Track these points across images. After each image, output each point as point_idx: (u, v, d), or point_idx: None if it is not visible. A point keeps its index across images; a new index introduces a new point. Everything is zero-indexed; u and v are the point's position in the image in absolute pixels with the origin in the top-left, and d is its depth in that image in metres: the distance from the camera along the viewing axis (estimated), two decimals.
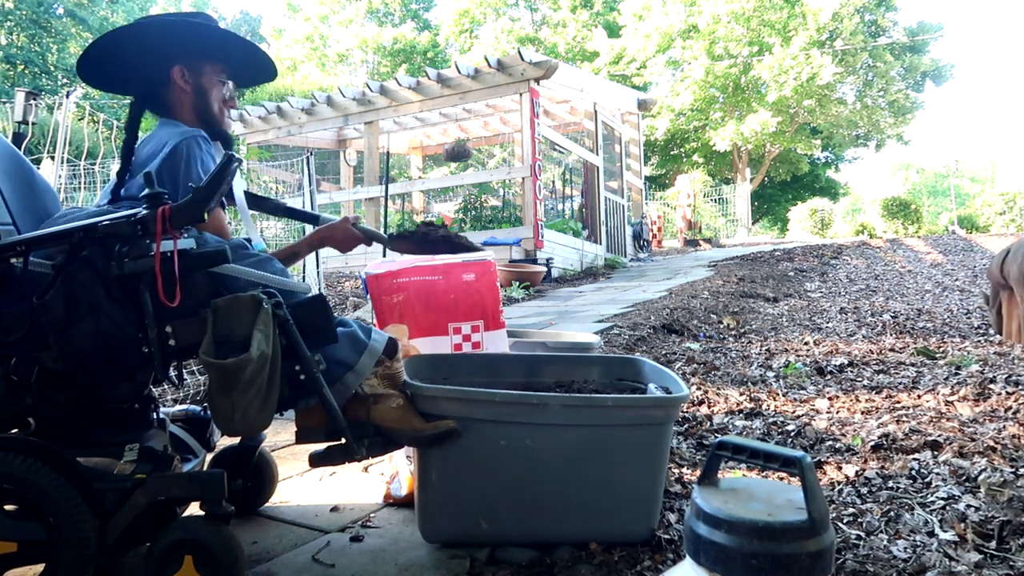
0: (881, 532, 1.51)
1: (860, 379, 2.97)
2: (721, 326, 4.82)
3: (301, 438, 1.48)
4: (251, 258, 1.47)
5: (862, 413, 2.43)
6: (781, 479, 1.76)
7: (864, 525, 1.54)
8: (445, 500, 1.50)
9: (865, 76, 21.78)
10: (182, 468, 1.44)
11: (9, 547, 1.25)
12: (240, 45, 1.74)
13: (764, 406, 2.59)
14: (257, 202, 2.00)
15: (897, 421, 2.23)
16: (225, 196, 1.71)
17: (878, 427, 2.18)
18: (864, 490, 1.76)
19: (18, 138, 5.03)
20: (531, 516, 1.49)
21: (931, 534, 1.48)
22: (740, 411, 2.53)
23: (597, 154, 10.63)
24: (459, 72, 8.88)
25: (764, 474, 1.80)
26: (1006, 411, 2.33)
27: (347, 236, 1.89)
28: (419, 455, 1.51)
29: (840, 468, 1.92)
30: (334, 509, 1.80)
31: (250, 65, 1.81)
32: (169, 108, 1.70)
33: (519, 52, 8.63)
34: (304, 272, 5.26)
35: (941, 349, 3.56)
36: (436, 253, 2.09)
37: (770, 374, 3.15)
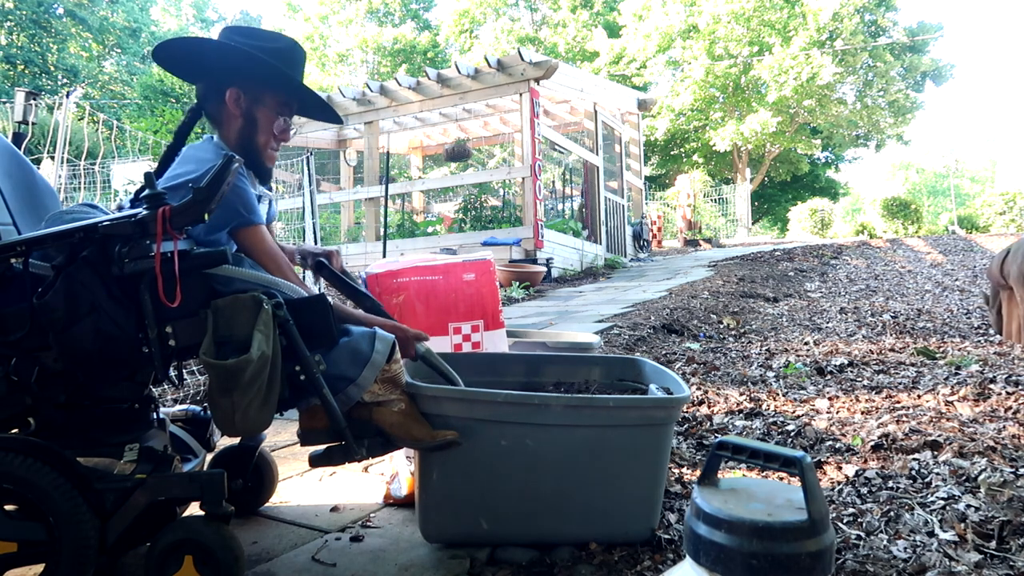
0: (881, 532, 1.51)
1: (860, 379, 2.97)
2: (721, 326, 4.82)
3: (305, 440, 1.48)
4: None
5: (862, 413, 2.42)
6: (781, 479, 1.76)
7: (864, 525, 1.54)
8: (446, 500, 1.50)
9: (865, 76, 21.78)
10: (182, 468, 1.45)
11: (9, 547, 1.25)
12: (304, 94, 1.70)
13: (764, 406, 2.59)
14: (355, 294, 1.83)
15: (897, 421, 2.23)
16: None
17: (878, 427, 2.18)
18: (864, 490, 1.76)
19: (18, 138, 5.04)
20: (531, 516, 1.49)
21: (931, 534, 1.48)
22: (740, 411, 2.53)
23: (597, 154, 10.63)
24: (459, 72, 8.88)
25: (764, 474, 1.80)
26: (1006, 411, 2.33)
27: (408, 349, 1.66)
28: (420, 455, 1.51)
29: (840, 468, 1.92)
30: (334, 509, 1.80)
31: (311, 107, 1.76)
32: (220, 123, 1.66)
33: (519, 52, 8.63)
34: (305, 272, 5.26)
35: (941, 349, 3.56)
36: None
37: (770, 374, 3.15)
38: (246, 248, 1.58)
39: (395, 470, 1.87)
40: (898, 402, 2.54)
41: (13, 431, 1.40)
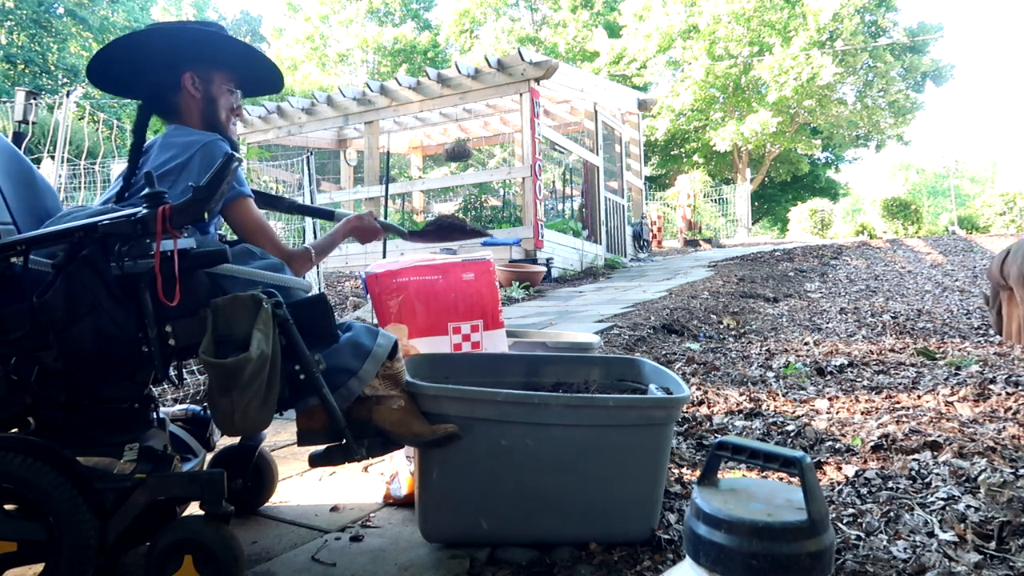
0: (881, 532, 1.51)
1: (860, 379, 2.97)
2: (721, 326, 4.82)
3: (303, 440, 1.48)
4: (260, 262, 1.49)
5: (862, 413, 2.42)
6: (781, 479, 1.76)
7: (864, 525, 1.54)
8: (446, 499, 1.50)
9: (865, 76, 21.77)
10: (182, 468, 1.45)
11: (9, 547, 1.25)
12: (249, 55, 1.76)
13: (764, 406, 2.59)
14: (271, 202, 2.05)
15: (897, 421, 2.23)
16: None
17: (878, 427, 2.18)
18: (864, 490, 1.76)
19: (18, 137, 5.02)
20: (531, 516, 1.49)
21: (931, 534, 1.48)
22: (740, 411, 2.53)
23: (597, 154, 10.63)
24: (459, 72, 8.88)
25: (764, 474, 1.80)
26: (1006, 411, 2.33)
27: (370, 227, 1.97)
28: (420, 454, 1.51)
29: (840, 468, 1.92)
30: (334, 509, 1.80)
31: (257, 75, 1.82)
32: (177, 113, 1.70)
33: (519, 52, 8.63)
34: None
35: (941, 349, 3.56)
36: (450, 239, 2.22)
37: (770, 374, 3.15)
38: (237, 220, 1.65)
39: (395, 470, 1.87)
40: (898, 402, 2.54)
41: (13, 431, 1.40)
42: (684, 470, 1.99)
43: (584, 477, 1.47)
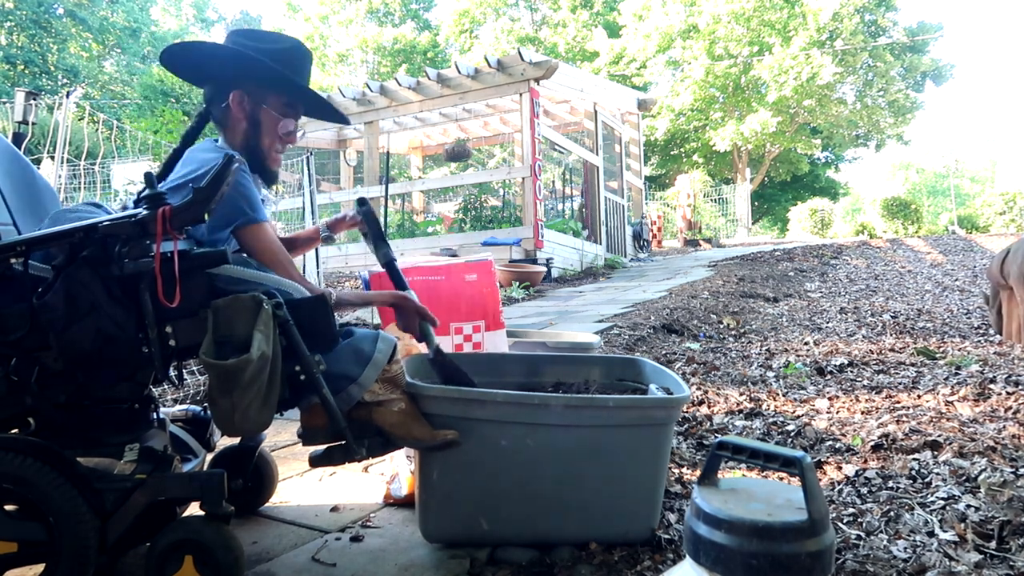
0: (881, 532, 1.51)
1: (860, 379, 2.97)
2: (721, 326, 4.82)
3: (306, 439, 1.48)
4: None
5: (862, 413, 2.42)
6: (781, 479, 1.76)
7: (864, 525, 1.54)
8: (446, 500, 1.50)
9: (865, 76, 21.78)
10: (182, 468, 1.45)
11: (9, 547, 1.25)
12: (313, 99, 1.72)
13: (764, 406, 2.59)
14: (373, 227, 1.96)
15: (897, 421, 2.23)
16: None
17: (878, 427, 2.18)
18: (864, 490, 1.76)
19: (18, 138, 5.03)
20: (532, 516, 1.49)
21: (931, 534, 1.48)
22: (740, 411, 2.53)
23: (597, 154, 10.63)
24: (459, 72, 8.88)
25: (764, 474, 1.80)
26: (1006, 411, 2.33)
27: (410, 322, 1.76)
28: (420, 454, 1.51)
29: (840, 468, 1.92)
30: (334, 509, 1.80)
31: (316, 107, 1.78)
32: (224, 126, 1.68)
33: (519, 52, 8.63)
34: (304, 271, 5.26)
35: (941, 349, 3.56)
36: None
37: (770, 374, 3.15)
38: (249, 246, 1.57)
39: (395, 470, 1.87)
40: (898, 402, 2.54)
41: (13, 431, 1.40)
42: (684, 470, 1.99)
43: (584, 477, 1.47)
